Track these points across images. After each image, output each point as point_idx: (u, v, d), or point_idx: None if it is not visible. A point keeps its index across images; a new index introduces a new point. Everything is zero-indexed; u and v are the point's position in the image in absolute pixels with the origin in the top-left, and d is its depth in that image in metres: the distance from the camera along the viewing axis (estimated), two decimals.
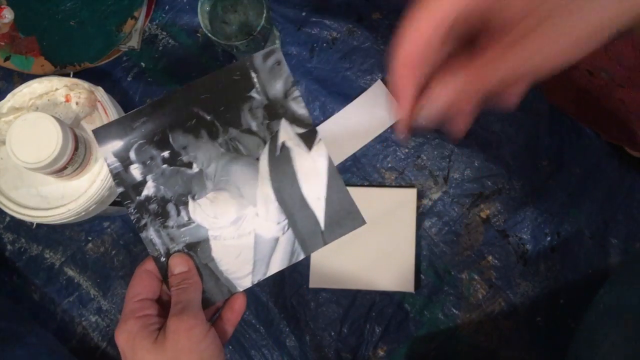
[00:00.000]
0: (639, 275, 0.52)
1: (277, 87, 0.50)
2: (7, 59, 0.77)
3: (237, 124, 0.50)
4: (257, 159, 0.50)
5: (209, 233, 0.50)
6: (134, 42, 0.80)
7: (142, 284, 0.48)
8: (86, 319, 0.81)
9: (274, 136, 0.50)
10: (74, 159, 0.60)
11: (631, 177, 0.79)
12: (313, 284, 0.78)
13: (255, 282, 0.50)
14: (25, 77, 0.80)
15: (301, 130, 0.50)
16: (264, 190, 0.50)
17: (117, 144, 0.49)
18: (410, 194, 0.79)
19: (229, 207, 0.50)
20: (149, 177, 0.49)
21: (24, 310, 0.76)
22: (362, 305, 0.79)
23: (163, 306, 0.48)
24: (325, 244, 0.51)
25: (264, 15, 0.67)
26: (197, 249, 0.50)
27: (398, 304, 0.79)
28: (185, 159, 0.49)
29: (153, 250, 0.50)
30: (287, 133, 0.50)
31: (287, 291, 0.80)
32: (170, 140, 0.49)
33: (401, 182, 0.81)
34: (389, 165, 0.81)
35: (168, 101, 0.49)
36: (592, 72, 0.62)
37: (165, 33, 0.84)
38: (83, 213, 0.64)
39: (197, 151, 0.50)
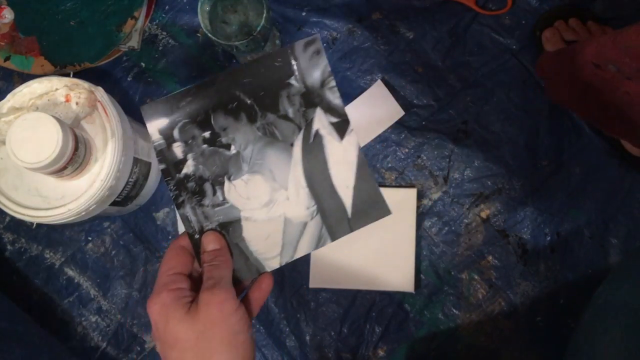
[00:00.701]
0: (637, 272, 0.52)
1: (315, 76, 0.51)
2: (7, 59, 0.76)
3: (275, 109, 0.51)
4: (291, 144, 0.51)
5: (241, 214, 0.51)
6: (134, 42, 0.80)
7: (176, 259, 0.50)
8: (86, 319, 0.81)
9: (309, 123, 0.51)
10: (74, 159, 0.60)
11: (631, 177, 0.79)
12: (313, 284, 0.78)
13: (283, 263, 0.52)
14: (25, 77, 0.80)
15: (335, 120, 0.51)
16: (296, 176, 0.51)
17: (163, 122, 0.50)
18: (410, 194, 0.79)
19: (262, 190, 0.51)
20: (190, 156, 0.51)
21: (24, 310, 0.76)
22: (362, 305, 0.79)
23: (194, 282, 0.50)
24: (352, 230, 0.52)
25: (264, 15, 0.67)
26: (229, 228, 0.51)
27: (398, 304, 0.79)
28: (224, 140, 0.51)
29: (188, 227, 0.51)
30: (321, 121, 0.51)
31: (287, 291, 0.80)
32: (212, 121, 0.51)
33: (401, 182, 0.81)
34: (389, 165, 0.81)
35: (213, 83, 0.51)
36: (598, 65, 0.62)
37: (165, 33, 0.84)
38: (83, 213, 0.64)
39: (236, 133, 0.51)
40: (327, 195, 0.51)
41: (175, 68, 0.83)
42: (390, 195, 0.79)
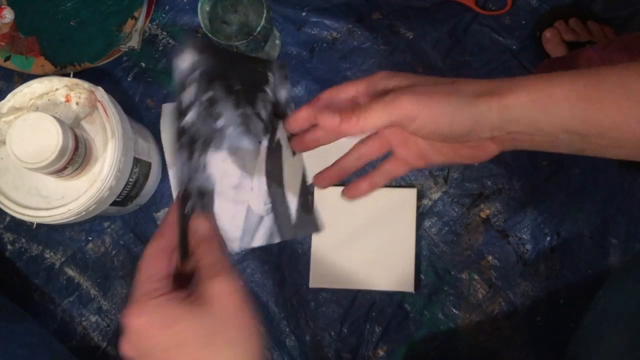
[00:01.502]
0: (636, 279, 0.52)
1: (282, 95, 0.55)
2: (7, 59, 0.77)
3: (252, 105, 0.54)
4: (260, 142, 0.54)
5: (215, 186, 0.53)
6: (134, 42, 0.80)
7: (157, 264, 0.45)
8: (86, 319, 0.81)
9: (274, 130, 0.55)
10: (74, 159, 0.60)
11: (631, 177, 0.79)
12: (313, 284, 0.78)
13: (242, 248, 0.54)
14: (26, 77, 0.80)
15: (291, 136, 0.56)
16: (260, 171, 0.54)
17: (194, 57, 0.50)
18: (410, 194, 0.79)
19: (234, 172, 0.53)
20: (193, 109, 0.51)
21: (24, 310, 0.76)
22: (362, 305, 0.79)
23: (176, 280, 0.45)
24: (295, 236, 0.56)
25: (264, 15, 0.67)
26: (205, 197, 0.52)
27: (398, 304, 0.79)
28: (216, 110, 0.53)
29: (177, 184, 0.53)
30: (282, 134, 0.55)
31: (287, 291, 0.80)
32: (213, 88, 0.53)
33: (401, 182, 0.81)
34: None
35: (224, 55, 0.54)
36: None
37: (165, 33, 0.84)
38: (83, 213, 0.64)
39: (224, 110, 0.53)
40: (279, 199, 0.55)
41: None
42: (390, 195, 0.79)
